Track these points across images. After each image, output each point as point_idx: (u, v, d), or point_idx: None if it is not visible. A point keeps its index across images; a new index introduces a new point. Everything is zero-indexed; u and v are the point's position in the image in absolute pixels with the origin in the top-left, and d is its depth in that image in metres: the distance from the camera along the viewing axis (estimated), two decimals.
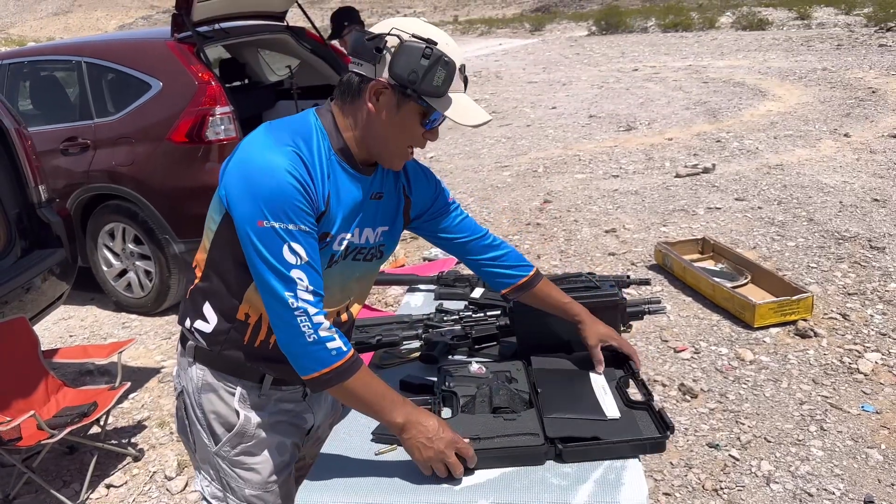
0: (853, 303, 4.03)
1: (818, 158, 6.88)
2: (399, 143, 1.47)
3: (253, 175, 1.37)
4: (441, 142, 9.18)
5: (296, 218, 1.37)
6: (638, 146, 7.99)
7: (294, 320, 1.38)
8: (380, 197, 1.59)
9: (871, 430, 2.98)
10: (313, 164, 1.41)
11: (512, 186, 6.77)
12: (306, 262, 1.39)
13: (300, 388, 1.67)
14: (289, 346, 1.42)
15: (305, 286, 1.38)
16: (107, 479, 3.08)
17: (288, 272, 1.37)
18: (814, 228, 5.09)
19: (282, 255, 1.36)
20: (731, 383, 3.40)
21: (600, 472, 1.46)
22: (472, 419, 1.62)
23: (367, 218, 1.57)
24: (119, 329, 4.60)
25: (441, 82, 1.38)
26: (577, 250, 5.07)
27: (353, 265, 1.60)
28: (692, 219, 5.51)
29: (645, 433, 1.54)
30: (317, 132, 1.45)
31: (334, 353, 1.40)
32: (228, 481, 1.62)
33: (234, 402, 1.58)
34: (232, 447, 1.60)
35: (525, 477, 1.46)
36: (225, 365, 1.57)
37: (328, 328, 1.40)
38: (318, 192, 1.42)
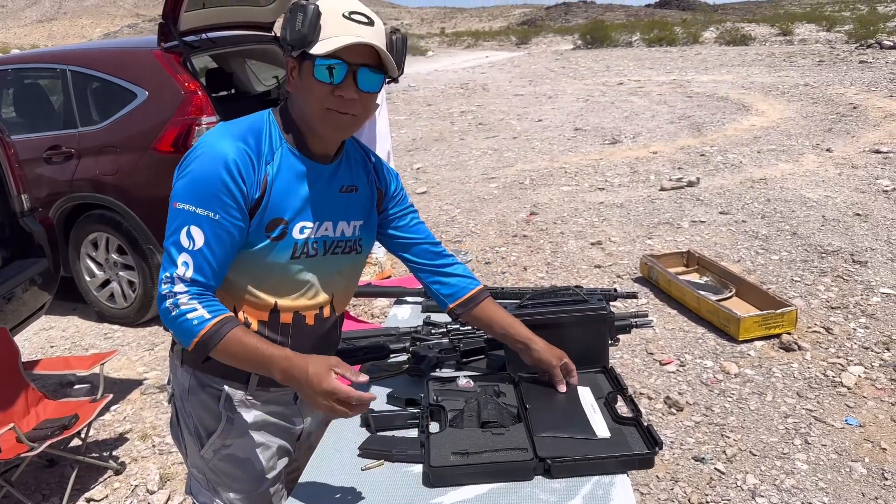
0: (836, 316, 4.06)
1: (801, 173, 6.96)
2: (314, 108, 1.43)
3: (190, 159, 1.41)
4: (427, 153, 9.20)
5: (208, 205, 1.38)
6: (623, 159, 8.04)
7: (164, 299, 1.40)
8: (354, 190, 1.60)
9: (855, 444, 3.00)
10: (256, 150, 1.43)
11: (498, 198, 6.79)
12: (198, 249, 1.39)
13: (290, 389, 1.63)
14: (165, 322, 1.43)
15: (184, 272, 1.39)
16: (87, 492, 3.02)
17: (177, 255, 1.39)
18: (797, 242, 5.14)
19: (178, 237, 1.39)
20: (717, 396, 3.41)
21: (588, 487, 1.45)
22: (460, 433, 1.61)
23: (338, 211, 1.57)
24: (101, 340, 4.54)
25: (302, 25, 1.36)
26: (563, 262, 5.08)
27: (334, 259, 1.59)
28: (677, 232, 5.55)
29: (633, 449, 1.53)
30: (268, 124, 1.49)
31: (196, 323, 1.38)
32: (216, 485, 1.62)
33: (220, 404, 1.58)
34: (216, 450, 1.59)
35: (513, 492, 1.45)
36: (210, 365, 1.56)
37: (189, 300, 1.39)
38: (255, 177, 1.43)
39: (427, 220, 6.37)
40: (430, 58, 26.34)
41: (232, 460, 1.61)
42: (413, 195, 7.21)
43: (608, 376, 1.85)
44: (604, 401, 1.74)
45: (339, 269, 1.63)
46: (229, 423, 1.58)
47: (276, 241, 1.47)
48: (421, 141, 10.13)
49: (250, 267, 1.49)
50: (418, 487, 1.50)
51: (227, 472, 1.61)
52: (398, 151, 9.24)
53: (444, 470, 1.48)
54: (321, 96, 1.41)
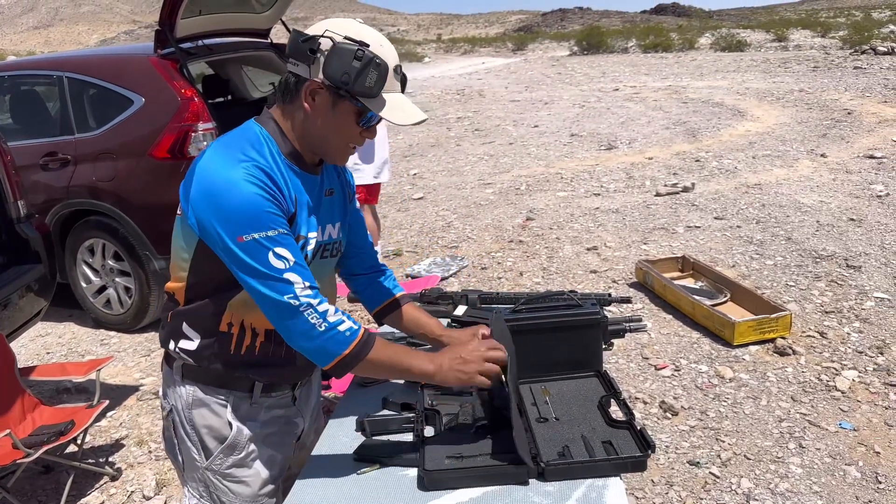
0: (830, 321, 4.08)
1: (796, 178, 6.99)
2: (338, 141, 1.50)
3: (219, 196, 1.38)
4: (423, 159, 9.23)
5: (271, 224, 1.39)
6: (619, 165, 8.07)
7: (301, 318, 1.40)
8: (331, 193, 1.64)
9: (849, 448, 3.01)
10: (272, 169, 1.43)
11: (495, 204, 6.81)
12: (295, 263, 1.41)
13: (289, 392, 1.69)
14: (303, 344, 1.43)
15: (302, 284, 1.40)
16: (83, 498, 3.03)
17: (281, 276, 1.39)
18: (792, 247, 5.16)
19: (269, 264, 1.38)
20: (712, 401, 3.43)
21: (582, 490, 1.47)
22: (455, 437, 1.62)
23: (325, 215, 1.61)
24: (98, 346, 4.54)
25: (373, 83, 1.40)
26: (559, 268, 5.10)
27: (322, 263, 1.63)
28: (672, 237, 5.57)
29: (626, 452, 1.54)
30: (264, 140, 1.48)
31: (349, 335, 1.43)
32: (219, 496, 1.63)
33: (227, 414, 1.59)
34: (224, 459, 1.61)
35: (508, 496, 1.46)
36: (214, 378, 1.58)
37: (335, 312, 1.43)
38: (285, 194, 1.45)
39: (423, 225, 6.39)
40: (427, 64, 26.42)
41: (238, 470, 1.62)
42: (409, 201, 7.23)
43: (602, 380, 1.86)
44: (598, 404, 1.75)
45: (329, 271, 1.69)
46: (236, 433, 1.60)
47: None
48: (417, 147, 10.15)
49: None
50: (413, 491, 1.51)
51: (232, 482, 1.62)
52: (395, 157, 9.26)
53: (438, 474, 1.49)
54: (351, 135, 1.49)
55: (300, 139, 1.51)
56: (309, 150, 1.53)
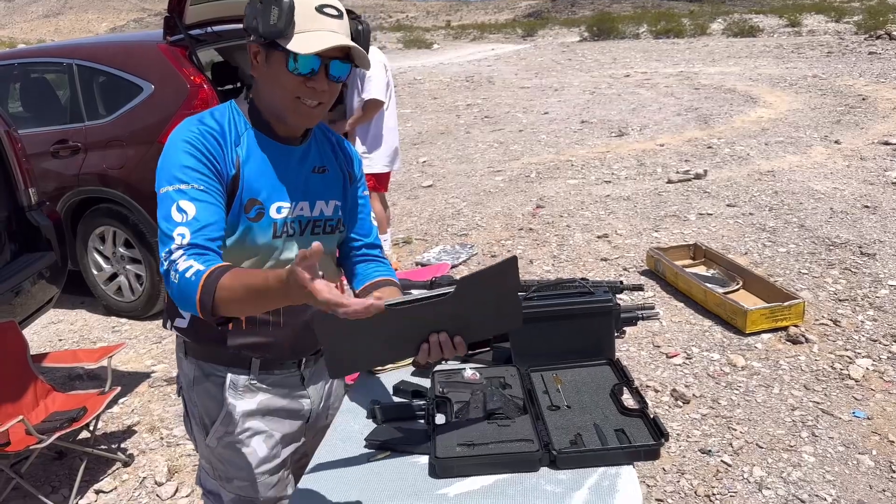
0: (844, 309, 4.04)
1: (809, 165, 6.92)
2: (282, 97, 1.46)
3: (163, 152, 1.45)
4: (433, 146, 9.19)
5: (187, 178, 1.41)
6: (630, 152, 8.01)
7: (167, 274, 1.37)
8: (324, 170, 1.63)
9: (863, 436, 2.99)
10: (220, 131, 1.46)
11: (504, 191, 6.78)
12: (193, 218, 1.39)
13: (296, 371, 1.67)
14: (173, 298, 1.37)
15: (180, 242, 1.36)
16: (96, 484, 3.05)
17: (172, 231, 1.38)
18: (805, 235, 5.12)
19: (170, 215, 1.39)
20: (723, 389, 3.41)
21: (594, 478, 1.45)
22: (466, 425, 1.61)
23: (314, 191, 1.60)
24: (109, 333, 4.57)
25: (277, 19, 1.39)
26: (569, 255, 5.07)
27: (313, 239, 1.61)
28: (684, 224, 5.53)
29: (639, 440, 1.53)
30: (230, 111, 1.52)
31: (194, 278, 1.31)
32: (221, 472, 1.65)
33: (224, 391, 1.60)
34: (219, 438, 1.61)
35: (519, 483, 1.46)
36: (211, 354, 1.60)
37: (185, 259, 1.34)
38: (226, 156, 1.46)
39: (433, 213, 6.37)
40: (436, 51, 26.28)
41: (234, 448, 1.62)
42: (419, 188, 7.21)
43: (614, 368, 1.85)
44: (609, 392, 1.74)
45: (327, 249, 1.65)
46: (230, 410, 1.60)
47: (254, 221, 1.50)
48: (427, 134, 10.12)
49: (237, 249, 1.51)
50: (424, 478, 1.50)
51: (230, 460, 1.63)
52: (404, 145, 9.23)
53: (449, 461, 1.49)
54: (293, 87, 1.44)
55: (262, 108, 1.52)
56: (278, 121, 1.52)
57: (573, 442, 1.55)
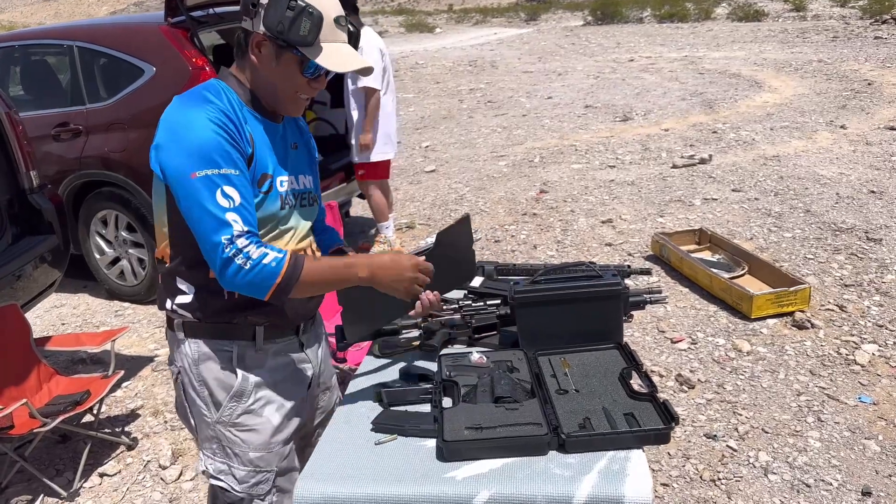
0: (850, 294, 4.02)
1: (815, 150, 6.88)
2: (285, 90, 1.57)
3: (178, 133, 1.47)
4: (435, 131, 9.15)
5: (225, 163, 1.45)
6: (634, 136, 7.97)
7: (230, 261, 1.43)
8: (296, 147, 1.72)
9: (869, 422, 2.98)
10: (230, 111, 1.51)
11: (508, 176, 6.75)
12: (240, 204, 1.45)
13: (294, 338, 1.73)
14: (236, 284, 1.46)
15: (240, 228, 1.44)
16: (100, 467, 3.04)
17: (223, 216, 1.43)
18: (811, 220, 5.09)
19: (216, 201, 1.43)
20: (729, 374, 3.40)
21: (604, 462, 1.44)
22: (473, 409, 1.60)
23: (295, 165, 1.69)
24: (112, 317, 4.56)
25: (307, 31, 1.47)
26: (573, 241, 5.05)
27: (305, 211, 1.71)
28: (689, 209, 5.50)
29: (649, 424, 1.51)
30: (223, 90, 1.56)
31: (275, 265, 1.45)
32: (232, 448, 1.65)
33: (233, 362, 1.63)
34: (234, 408, 1.63)
35: (528, 467, 1.44)
36: (216, 330, 1.62)
37: (257, 247, 1.45)
38: (242, 135, 1.51)
39: (436, 198, 6.34)
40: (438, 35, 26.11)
41: (249, 419, 1.64)
42: (422, 173, 7.17)
43: (623, 352, 1.83)
44: (619, 376, 1.72)
45: (310, 219, 1.75)
46: (244, 381, 1.63)
47: (266, 194, 1.56)
48: (429, 119, 10.06)
49: None
50: (432, 461, 1.49)
51: (245, 431, 1.64)
52: (406, 129, 9.19)
53: (457, 444, 1.47)
54: (297, 84, 1.56)
55: (255, 90, 1.59)
56: (263, 99, 1.60)
57: (582, 426, 1.53)
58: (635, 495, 1.36)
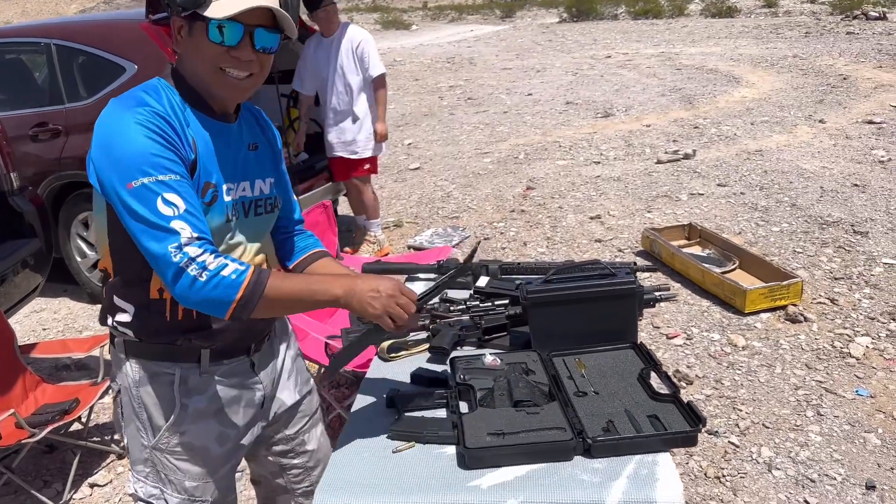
0: (840, 287, 4.05)
1: (796, 144, 6.93)
2: (207, 69, 1.41)
3: (110, 143, 1.33)
4: (417, 128, 9.09)
5: (163, 168, 1.32)
6: (616, 132, 7.98)
7: (182, 273, 1.30)
8: (256, 147, 1.58)
9: (868, 415, 2.99)
10: (167, 114, 1.37)
11: (493, 173, 6.71)
12: (185, 211, 1.32)
13: (245, 359, 1.60)
14: (190, 299, 1.33)
15: (189, 235, 1.31)
16: (90, 478, 2.96)
17: (167, 224, 1.30)
18: (797, 214, 5.12)
19: (157, 210, 1.30)
20: (726, 369, 3.39)
21: (632, 467, 1.41)
22: (492, 414, 1.56)
23: (252, 169, 1.55)
24: (95, 322, 4.44)
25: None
26: (563, 237, 5.03)
27: (259, 221, 1.57)
28: (676, 205, 5.51)
29: (675, 427, 1.48)
30: (163, 90, 1.42)
31: (235, 276, 1.32)
32: (167, 474, 1.55)
33: (174, 389, 1.51)
34: (172, 436, 1.52)
35: (554, 474, 1.40)
36: (157, 351, 1.51)
37: (214, 259, 1.32)
38: (182, 139, 1.38)
39: (422, 196, 6.29)
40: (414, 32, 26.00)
41: (187, 448, 1.54)
42: (406, 171, 7.11)
43: (639, 352, 1.80)
44: (637, 376, 1.69)
45: (267, 228, 1.62)
46: (183, 409, 1.52)
47: (209, 205, 1.43)
48: (410, 116, 10.00)
49: None
50: (454, 469, 1.44)
51: (183, 460, 1.54)
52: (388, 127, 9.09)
53: (480, 452, 1.43)
54: (214, 56, 1.39)
55: (194, 86, 1.45)
56: (210, 97, 1.46)
57: (606, 429, 1.50)
58: (667, 500, 1.32)
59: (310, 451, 1.82)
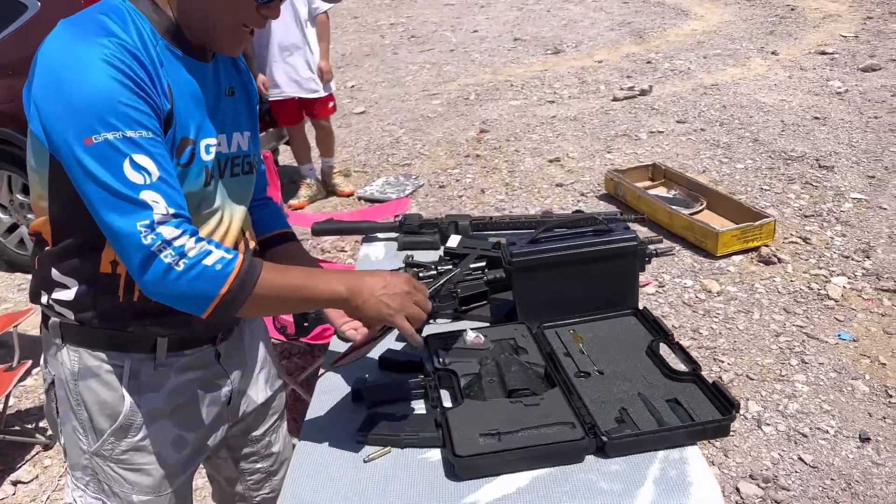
0: (811, 225, 3.90)
1: (751, 77, 6.76)
2: (229, 20, 1.14)
3: (62, 83, 1.01)
4: (359, 69, 8.62)
5: (132, 123, 1.03)
6: (569, 70, 7.67)
7: (153, 259, 1.03)
8: (233, 93, 1.28)
9: (853, 360, 2.86)
10: (138, 49, 1.06)
11: (444, 116, 6.35)
12: (159, 178, 1.04)
13: (209, 348, 1.30)
14: (162, 292, 1.05)
15: (164, 211, 1.03)
16: (12, 474, 2.62)
17: (137, 195, 1.02)
18: (760, 149, 4.95)
19: (124, 175, 1.01)
20: (702, 317, 3.22)
21: (656, 468, 1.17)
22: (483, 407, 1.29)
23: (229, 120, 1.26)
24: (14, 292, 4.02)
25: None
26: (522, 182, 4.76)
27: (236, 182, 1.28)
28: (636, 144, 5.28)
29: (700, 414, 1.25)
30: (130, 15, 1.10)
31: (220, 267, 1.06)
32: (111, 485, 1.25)
33: (123, 384, 1.21)
34: (117, 442, 1.23)
35: (564, 482, 1.15)
36: (104, 339, 1.20)
37: (195, 243, 1.05)
38: (157, 84, 1.08)
39: (370, 142, 5.91)
40: None
41: (138, 456, 1.25)
42: (350, 115, 6.69)
43: (643, 320, 1.55)
44: (646, 350, 1.45)
45: (246, 195, 1.33)
46: (133, 409, 1.22)
47: (186, 167, 1.14)
48: (351, 56, 9.47)
49: None
50: (441, 481, 1.18)
51: (130, 471, 1.25)
52: None
53: (473, 460, 1.17)
54: (245, 12, 1.14)
55: (182, 20, 1.14)
56: (190, 30, 1.15)
57: (620, 420, 1.25)
58: None
59: (275, 453, 1.55)
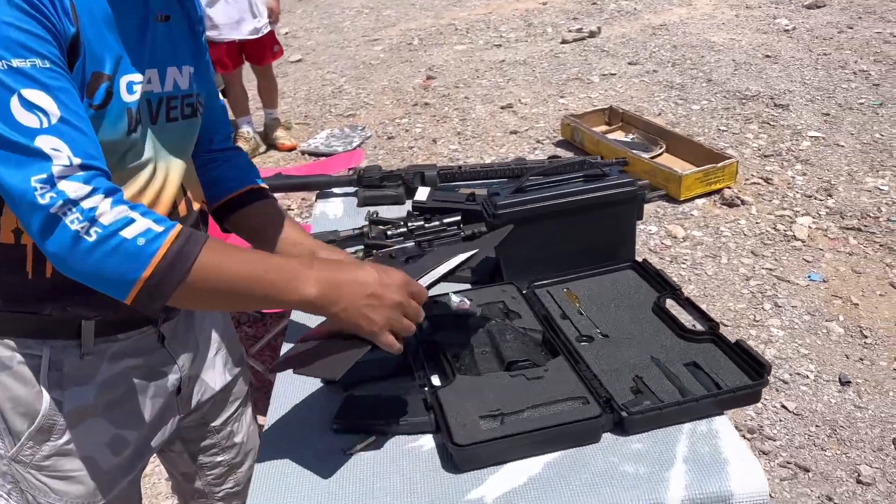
0: (772, 165, 3.83)
1: (699, 17, 6.64)
2: None
3: None
4: (292, 15, 8.18)
5: (20, 49, 0.80)
6: (513, 12, 7.42)
7: (56, 223, 0.80)
8: (167, 19, 1.02)
9: (825, 301, 2.80)
10: None
11: (387, 63, 6.05)
12: (60, 119, 0.81)
13: (150, 329, 1.07)
14: (72, 266, 0.82)
15: (65, 161, 0.80)
16: None
17: (30, 142, 0.79)
18: (714, 89, 4.85)
19: (12, 117, 0.79)
20: (669, 264, 3.12)
21: (685, 445, 1.02)
22: (479, 383, 1.11)
23: (161, 52, 1.00)
24: None
25: None
26: (475, 131, 4.55)
27: (173, 131, 1.04)
28: (589, 87, 5.12)
29: (726, 379, 1.10)
30: None
31: (142, 243, 0.82)
32: (35, 495, 1.04)
33: (40, 378, 0.99)
34: (37, 447, 1.01)
35: (581, 466, 0.99)
36: (13, 324, 0.98)
37: (111, 206, 0.82)
38: (56, 2, 0.83)
39: (310, 92, 5.59)
40: None
41: (64, 462, 1.03)
42: (286, 64, 6.32)
43: (643, 273, 1.40)
44: (653, 306, 1.29)
45: (185, 142, 1.08)
46: (55, 407, 1.00)
47: (100, 109, 0.90)
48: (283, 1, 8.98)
49: None
50: (438, 474, 1.01)
51: (56, 479, 1.04)
52: None
53: (475, 450, 0.99)
54: None
55: None
56: None
57: (636, 391, 1.09)
58: (747, 490, 0.95)
59: (238, 444, 1.34)
